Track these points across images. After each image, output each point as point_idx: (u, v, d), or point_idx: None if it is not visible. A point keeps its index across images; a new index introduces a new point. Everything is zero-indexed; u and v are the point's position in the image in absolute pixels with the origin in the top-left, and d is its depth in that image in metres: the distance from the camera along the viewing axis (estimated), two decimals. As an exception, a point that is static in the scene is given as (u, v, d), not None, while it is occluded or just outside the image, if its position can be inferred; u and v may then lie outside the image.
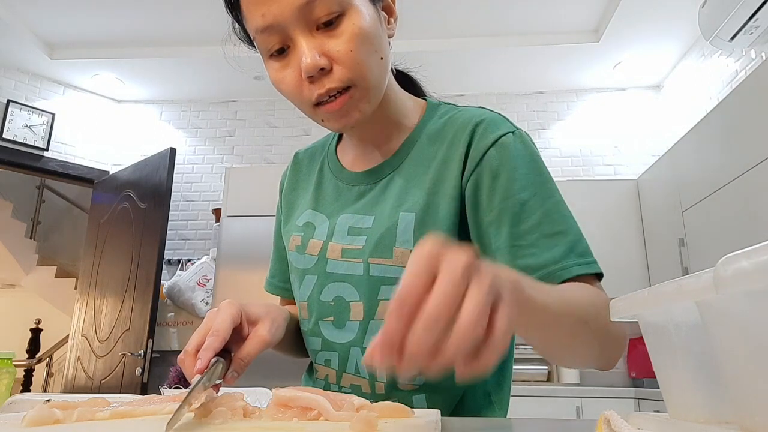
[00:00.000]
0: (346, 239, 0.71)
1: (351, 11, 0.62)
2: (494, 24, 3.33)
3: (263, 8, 0.61)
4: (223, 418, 0.44)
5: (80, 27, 3.39)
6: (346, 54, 0.61)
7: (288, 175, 0.88)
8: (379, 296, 0.68)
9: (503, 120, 0.70)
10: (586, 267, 0.61)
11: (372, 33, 0.63)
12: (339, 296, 0.71)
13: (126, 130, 4.14)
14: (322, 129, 0.71)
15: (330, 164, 0.81)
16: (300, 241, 0.76)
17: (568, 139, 3.84)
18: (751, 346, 0.27)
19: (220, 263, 3.12)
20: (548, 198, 0.64)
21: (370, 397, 0.69)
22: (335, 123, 0.67)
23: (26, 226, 5.84)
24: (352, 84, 0.63)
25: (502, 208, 0.63)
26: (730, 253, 0.25)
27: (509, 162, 0.65)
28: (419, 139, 0.73)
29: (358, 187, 0.75)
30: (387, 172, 0.74)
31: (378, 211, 0.71)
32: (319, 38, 0.62)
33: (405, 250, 0.66)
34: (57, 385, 5.33)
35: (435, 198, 0.68)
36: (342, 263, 0.71)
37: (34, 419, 0.41)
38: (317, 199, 0.79)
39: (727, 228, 2.38)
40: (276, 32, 0.62)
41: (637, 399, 2.76)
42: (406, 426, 0.42)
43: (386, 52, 0.67)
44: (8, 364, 0.99)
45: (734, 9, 2.44)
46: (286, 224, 0.83)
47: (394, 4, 0.72)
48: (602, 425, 0.38)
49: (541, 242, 0.61)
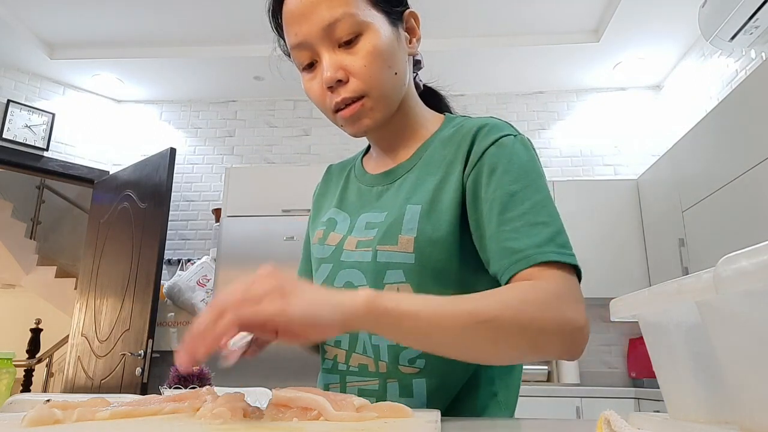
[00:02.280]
0: (362, 233, 0.77)
1: (369, 32, 0.71)
2: (494, 24, 3.33)
3: (296, 28, 0.72)
4: (223, 418, 0.44)
5: (80, 27, 3.39)
6: (361, 69, 0.71)
7: (320, 185, 0.98)
8: (384, 280, 0.72)
9: (507, 125, 0.75)
10: (562, 256, 0.63)
11: (387, 51, 0.72)
12: (349, 281, 0.76)
13: (126, 130, 4.14)
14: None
15: (355, 171, 0.90)
16: (322, 234, 0.83)
17: (568, 139, 3.84)
18: (751, 346, 0.27)
19: (220, 263, 3.12)
20: (537, 193, 0.68)
21: (375, 376, 0.72)
22: (350, 128, 0.76)
23: (26, 226, 5.84)
24: (364, 94, 0.72)
25: (494, 198, 0.68)
26: (730, 253, 0.25)
27: (506, 158, 0.70)
28: (432, 144, 0.80)
29: (376, 188, 0.82)
30: (402, 173, 0.80)
31: (390, 207, 0.77)
32: (340, 54, 0.71)
33: (409, 237, 0.71)
34: (57, 385, 5.33)
35: (440, 193, 0.73)
36: (355, 253, 0.76)
37: (34, 419, 0.41)
38: (342, 200, 0.87)
39: (727, 228, 2.38)
40: (306, 48, 0.73)
41: (637, 399, 2.76)
42: (406, 426, 0.42)
43: (402, 67, 0.75)
44: (8, 364, 0.99)
45: (734, 9, 2.44)
46: (314, 222, 0.92)
47: (417, 27, 0.81)
48: (602, 425, 0.38)
49: (524, 229, 0.65)
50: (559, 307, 0.59)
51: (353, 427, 0.41)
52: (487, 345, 0.58)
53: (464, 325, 0.56)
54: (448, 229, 0.70)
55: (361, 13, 0.71)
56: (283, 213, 3.17)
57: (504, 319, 0.56)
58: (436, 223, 0.71)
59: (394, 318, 0.53)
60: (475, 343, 0.58)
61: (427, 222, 0.71)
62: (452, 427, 0.52)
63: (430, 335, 0.56)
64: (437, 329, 0.56)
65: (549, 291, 0.60)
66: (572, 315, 0.59)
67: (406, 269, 0.71)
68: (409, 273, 0.70)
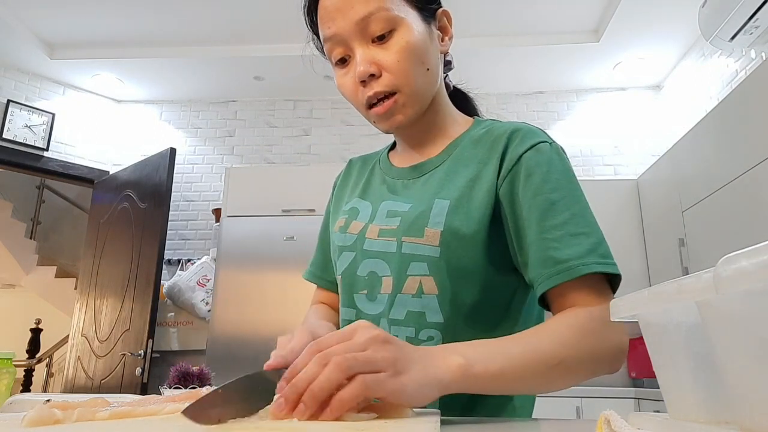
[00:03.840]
0: (384, 221, 0.77)
1: (402, 27, 0.72)
2: (494, 24, 3.33)
3: (330, 22, 0.73)
4: (222, 418, 0.44)
5: (80, 27, 3.39)
6: (393, 63, 0.71)
7: (341, 176, 0.98)
8: (408, 272, 0.73)
9: (542, 131, 0.76)
10: (605, 266, 0.64)
11: (419, 47, 0.73)
12: (373, 271, 0.77)
13: (126, 130, 4.14)
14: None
15: (381, 164, 0.90)
16: (344, 222, 0.83)
17: (568, 139, 3.84)
18: (751, 346, 0.27)
19: (220, 263, 3.12)
20: (576, 203, 0.69)
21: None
22: (383, 124, 0.76)
23: (26, 226, 5.84)
24: (397, 90, 0.72)
25: (532, 204, 0.68)
26: (730, 253, 0.25)
27: (544, 165, 0.70)
28: (463, 142, 0.80)
29: (403, 180, 0.82)
30: (430, 168, 0.80)
31: (416, 199, 0.77)
32: (373, 49, 0.72)
33: (435, 230, 0.71)
34: (57, 385, 5.33)
35: (471, 191, 0.73)
36: (377, 242, 0.76)
37: (34, 419, 0.41)
38: (365, 190, 0.87)
39: (727, 228, 2.38)
40: (339, 43, 0.73)
41: (637, 399, 2.76)
42: (406, 426, 0.42)
43: (433, 64, 0.76)
44: (8, 364, 0.99)
45: (734, 9, 2.44)
46: (335, 212, 0.91)
47: (450, 26, 0.82)
48: (602, 425, 0.38)
49: (565, 239, 0.66)
50: (609, 336, 0.63)
51: (353, 426, 0.41)
52: (554, 383, 0.63)
53: (537, 372, 0.60)
54: (477, 228, 0.70)
55: (395, 8, 0.72)
56: (283, 213, 3.17)
57: (570, 359, 0.61)
58: (464, 219, 0.71)
59: (485, 381, 0.56)
60: (545, 383, 0.62)
61: (455, 217, 0.71)
62: (452, 427, 0.52)
63: (513, 387, 0.62)
64: (519, 381, 0.60)
65: (596, 318, 0.63)
66: (618, 338, 0.64)
67: (430, 262, 0.71)
68: (433, 266, 0.71)
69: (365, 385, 0.46)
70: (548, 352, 0.60)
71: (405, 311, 0.73)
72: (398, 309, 0.73)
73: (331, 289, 0.92)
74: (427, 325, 0.71)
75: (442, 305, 0.71)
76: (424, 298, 0.71)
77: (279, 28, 3.30)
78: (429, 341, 0.71)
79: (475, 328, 0.71)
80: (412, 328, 0.72)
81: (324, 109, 4.08)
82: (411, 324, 0.72)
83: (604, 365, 0.64)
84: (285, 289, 2.97)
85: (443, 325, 0.71)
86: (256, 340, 2.93)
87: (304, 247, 3.00)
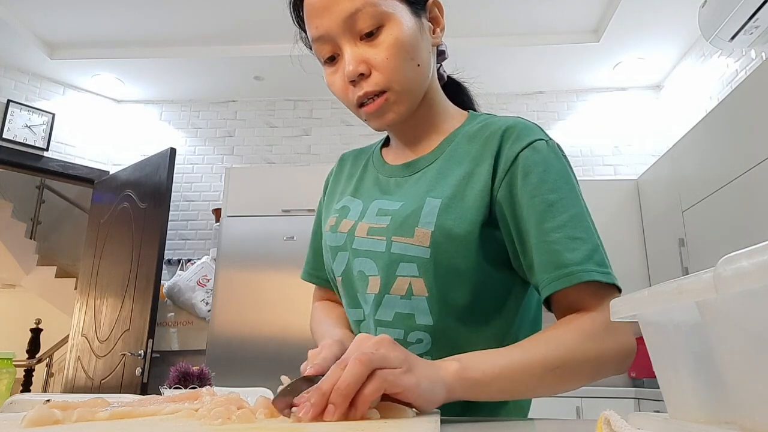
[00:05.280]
0: (374, 219, 0.76)
1: (391, 23, 0.70)
2: (494, 24, 3.33)
3: (317, 21, 0.71)
4: (223, 418, 0.44)
5: (80, 27, 3.39)
6: (383, 61, 0.69)
7: (333, 172, 0.95)
8: (397, 272, 0.71)
9: (537, 127, 0.74)
10: (604, 276, 0.64)
11: (409, 42, 0.70)
12: (361, 271, 0.76)
13: (126, 130, 4.14)
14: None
15: (374, 160, 0.88)
16: (335, 221, 0.82)
17: (568, 139, 3.84)
18: (751, 347, 0.27)
19: (220, 263, 3.12)
20: (574, 206, 0.68)
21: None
22: (374, 122, 0.74)
23: (26, 226, 5.84)
24: (387, 88, 0.70)
25: (530, 206, 0.67)
26: (730, 253, 0.25)
27: (541, 164, 0.69)
28: (456, 139, 0.78)
29: (395, 178, 0.81)
30: (423, 165, 0.78)
31: (408, 197, 0.75)
32: (362, 47, 0.70)
33: (426, 230, 0.70)
34: (57, 385, 5.33)
35: (463, 189, 0.71)
36: (367, 240, 0.75)
37: (34, 419, 0.41)
38: (357, 188, 0.85)
39: (727, 228, 2.38)
40: (327, 42, 0.71)
41: (637, 399, 2.76)
42: (406, 426, 0.42)
43: (424, 58, 0.73)
44: (8, 364, 0.99)
45: (734, 9, 2.44)
46: (327, 210, 0.89)
47: (442, 16, 0.78)
48: (602, 425, 0.38)
49: (563, 242, 0.65)
50: (614, 338, 0.63)
51: (353, 426, 0.41)
52: (559, 386, 0.63)
53: (539, 375, 0.61)
54: (469, 228, 0.68)
55: (383, 3, 0.69)
56: (283, 213, 3.17)
57: (572, 362, 0.61)
58: (456, 219, 0.69)
59: (484, 385, 0.57)
60: (549, 386, 0.63)
61: (447, 217, 0.69)
62: (452, 427, 0.52)
63: (513, 391, 0.62)
64: (518, 384, 0.61)
65: (598, 321, 0.63)
66: (624, 338, 0.64)
67: (420, 263, 0.69)
68: (423, 268, 0.69)
69: (385, 379, 0.47)
70: (549, 356, 0.61)
71: (393, 312, 0.72)
72: (385, 310, 0.72)
73: (328, 286, 0.90)
74: (416, 327, 0.70)
75: (432, 307, 0.70)
76: (414, 300, 0.70)
77: (279, 28, 3.30)
78: (418, 344, 0.70)
79: (466, 328, 0.70)
80: (400, 330, 0.71)
81: (324, 109, 4.08)
82: (399, 326, 0.71)
83: (610, 367, 0.64)
84: (285, 289, 2.97)
85: (433, 327, 0.70)
86: (257, 340, 2.93)
87: (304, 247, 2.98)
